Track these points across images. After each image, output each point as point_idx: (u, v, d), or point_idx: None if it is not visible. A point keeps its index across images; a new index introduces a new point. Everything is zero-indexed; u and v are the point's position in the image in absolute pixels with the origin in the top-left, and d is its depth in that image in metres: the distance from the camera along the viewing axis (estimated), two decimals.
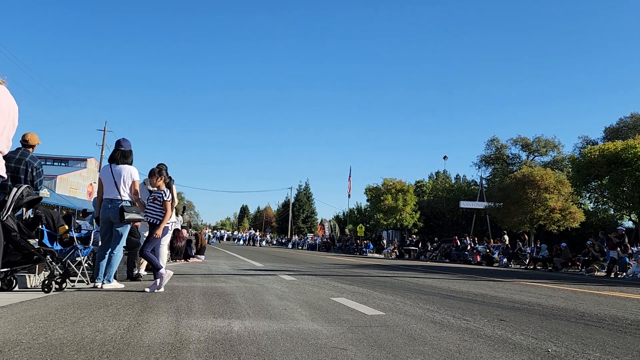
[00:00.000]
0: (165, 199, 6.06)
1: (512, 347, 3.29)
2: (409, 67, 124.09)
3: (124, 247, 6.43)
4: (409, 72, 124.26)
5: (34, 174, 5.90)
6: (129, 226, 6.39)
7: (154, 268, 5.89)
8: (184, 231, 14.62)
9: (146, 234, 7.71)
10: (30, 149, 6.05)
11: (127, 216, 6.06)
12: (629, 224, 29.60)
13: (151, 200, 6.10)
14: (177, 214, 13.40)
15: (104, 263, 6.09)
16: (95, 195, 6.50)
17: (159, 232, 5.95)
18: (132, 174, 6.42)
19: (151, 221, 6.00)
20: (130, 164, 6.52)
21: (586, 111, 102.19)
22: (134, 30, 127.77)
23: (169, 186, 6.24)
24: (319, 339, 3.30)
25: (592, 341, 3.65)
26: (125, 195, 6.27)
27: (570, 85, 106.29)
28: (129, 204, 6.25)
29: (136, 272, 7.37)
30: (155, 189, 6.25)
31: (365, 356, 2.86)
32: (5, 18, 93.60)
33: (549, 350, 3.25)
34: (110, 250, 6.12)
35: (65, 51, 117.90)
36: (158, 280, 5.83)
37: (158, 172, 6.25)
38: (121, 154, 6.50)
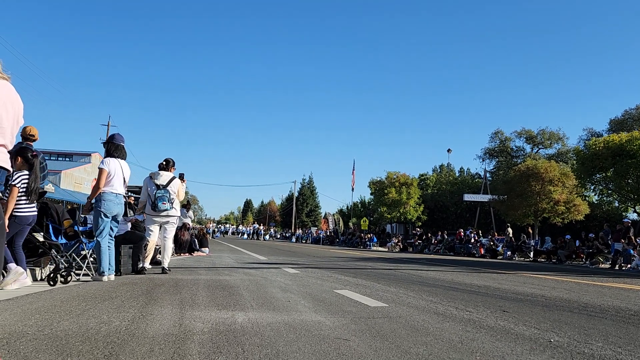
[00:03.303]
0: (10, 182, 4.94)
1: (515, 338, 3.29)
2: (413, 61, 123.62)
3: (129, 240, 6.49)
4: (413, 65, 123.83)
5: None
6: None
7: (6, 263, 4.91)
8: (191, 225, 14.69)
9: (152, 227, 7.75)
10: (31, 143, 6.03)
11: (130, 212, 6.15)
12: (634, 216, 29.48)
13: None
14: (186, 209, 13.51)
15: (111, 255, 6.18)
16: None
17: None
18: (129, 171, 6.54)
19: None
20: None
21: (591, 103, 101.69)
22: (141, 28, 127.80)
23: (180, 180, 6.14)
24: (322, 330, 3.32)
25: (595, 331, 3.65)
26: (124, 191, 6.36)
27: (575, 77, 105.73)
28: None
29: (141, 265, 7.41)
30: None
31: (368, 347, 2.88)
32: (7, 12, 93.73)
33: (552, 340, 3.25)
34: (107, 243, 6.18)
35: (68, 46, 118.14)
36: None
37: (16, 152, 5.12)
38: (124, 150, 6.56)
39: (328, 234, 46.08)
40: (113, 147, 6.49)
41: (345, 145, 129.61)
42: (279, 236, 61.18)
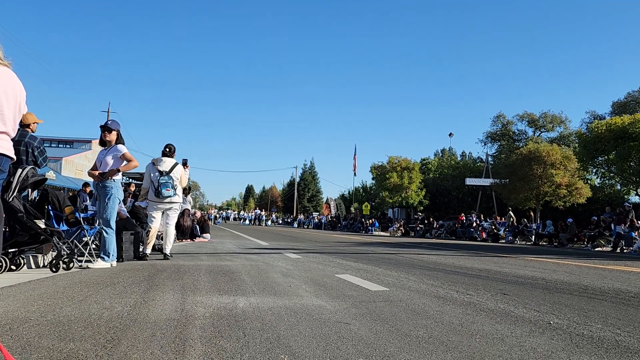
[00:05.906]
0: None
1: (514, 320, 3.31)
2: (415, 44, 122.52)
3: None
4: (415, 49, 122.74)
5: (36, 153, 5.84)
6: None
7: None
8: (193, 211, 14.72)
9: (154, 214, 7.76)
10: (28, 129, 5.94)
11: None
12: (636, 199, 29.44)
13: None
14: (185, 194, 13.52)
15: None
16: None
17: None
18: None
19: None
20: None
21: (594, 86, 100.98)
22: (140, 7, 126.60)
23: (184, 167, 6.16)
24: (322, 314, 3.34)
25: (594, 313, 3.67)
26: None
27: (577, 60, 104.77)
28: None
29: (142, 251, 7.44)
30: None
31: (368, 330, 2.90)
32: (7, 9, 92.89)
33: (551, 322, 3.27)
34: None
35: (68, 30, 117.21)
36: None
37: None
38: None
39: (330, 219, 46.18)
40: (122, 137, 6.60)
41: (346, 130, 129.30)
42: (280, 222, 61.36)
